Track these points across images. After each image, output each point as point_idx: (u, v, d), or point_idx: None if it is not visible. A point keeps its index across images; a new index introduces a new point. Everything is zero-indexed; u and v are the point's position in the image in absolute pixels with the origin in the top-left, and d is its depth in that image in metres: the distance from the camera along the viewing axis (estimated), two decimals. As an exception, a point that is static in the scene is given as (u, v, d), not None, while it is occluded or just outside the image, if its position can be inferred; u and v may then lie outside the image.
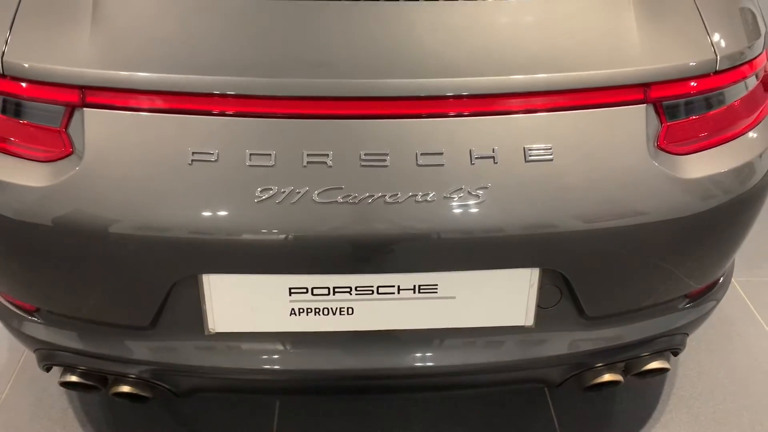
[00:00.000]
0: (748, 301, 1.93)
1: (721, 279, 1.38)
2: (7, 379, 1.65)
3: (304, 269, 1.08)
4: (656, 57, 1.11)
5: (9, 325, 1.30)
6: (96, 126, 1.05)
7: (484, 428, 1.56)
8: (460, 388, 1.43)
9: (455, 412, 1.58)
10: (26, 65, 1.06)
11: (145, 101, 1.05)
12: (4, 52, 1.08)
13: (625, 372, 1.32)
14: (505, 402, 1.61)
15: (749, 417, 1.60)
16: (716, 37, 1.15)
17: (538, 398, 1.62)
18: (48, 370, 1.31)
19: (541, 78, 1.06)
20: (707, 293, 1.34)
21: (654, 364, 1.30)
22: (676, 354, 1.37)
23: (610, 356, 1.27)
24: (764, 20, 1.30)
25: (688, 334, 1.37)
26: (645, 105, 1.10)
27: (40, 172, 1.07)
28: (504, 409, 1.60)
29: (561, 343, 1.22)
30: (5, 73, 1.07)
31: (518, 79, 1.06)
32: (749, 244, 2.08)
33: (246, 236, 1.03)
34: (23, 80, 1.07)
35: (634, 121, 1.09)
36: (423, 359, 1.20)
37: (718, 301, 1.39)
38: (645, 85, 1.09)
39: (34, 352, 1.30)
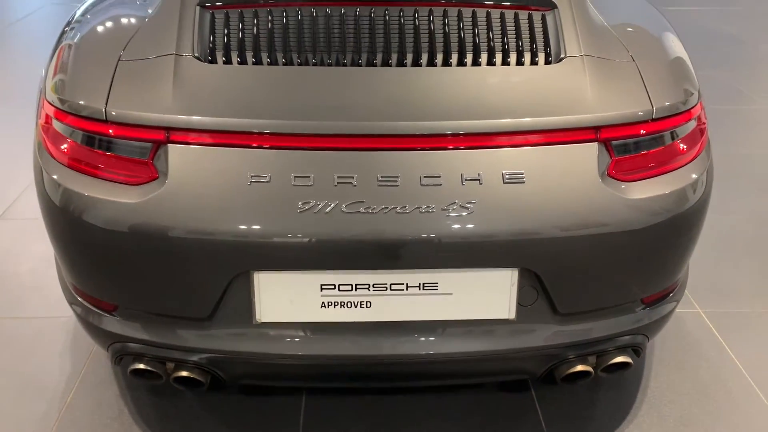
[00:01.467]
0: (714, 329, 2.19)
1: (676, 288, 1.67)
2: (71, 386, 1.92)
3: (333, 266, 1.39)
4: (605, 107, 1.45)
5: (88, 324, 1.59)
6: (177, 157, 1.38)
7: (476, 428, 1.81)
8: (457, 377, 1.70)
9: (453, 414, 1.84)
10: (123, 113, 1.41)
11: (214, 138, 1.38)
12: (106, 104, 1.42)
13: (596, 366, 1.60)
14: (495, 405, 1.87)
15: (710, 420, 1.85)
16: (653, 93, 1.50)
17: (527, 402, 1.88)
18: (119, 362, 1.59)
19: (516, 121, 1.40)
20: (663, 299, 1.62)
21: (619, 359, 1.58)
22: (638, 353, 1.64)
23: (580, 349, 1.54)
24: (696, 80, 1.65)
25: (648, 336, 1.65)
26: (597, 143, 1.43)
27: (131, 192, 1.40)
28: (494, 412, 1.85)
29: (539, 335, 1.50)
30: (107, 120, 1.42)
31: (498, 122, 1.40)
32: (715, 279, 2.37)
33: (289, 239, 1.35)
34: (121, 125, 1.41)
35: (589, 155, 1.42)
36: (427, 346, 1.48)
37: (674, 306, 1.68)
38: (596, 128, 1.43)
39: (109, 346, 1.58)
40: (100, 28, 1.72)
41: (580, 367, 1.56)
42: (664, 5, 6.36)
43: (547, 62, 1.55)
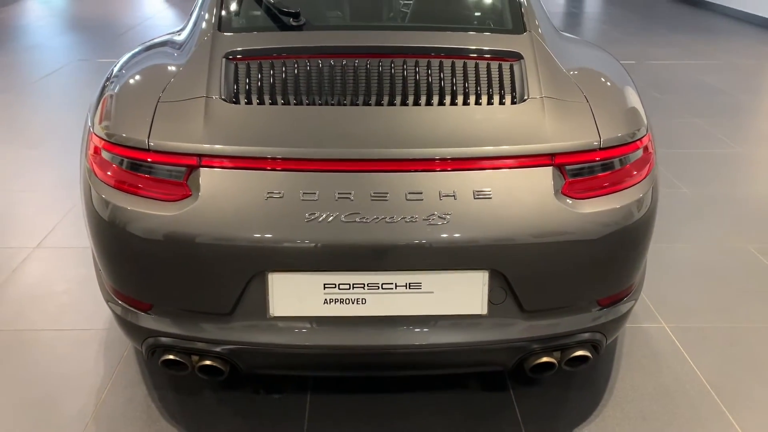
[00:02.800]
0: (676, 341, 2.44)
1: (630, 292, 1.93)
2: (105, 386, 2.18)
3: (334, 268, 1.67)
4: (559, 138, 1.75)
5: (125, 322, 1.87)
6: (207, 178, 1.68)
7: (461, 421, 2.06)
8: (440, 366, 1.95)
9: (439, 410, 2.09)
10: (163, 144, 1.72)
11: (237, 163, 1.69)
12: (149, 136, 1.74)
13: (560, 360, 1.86)
14: (477, 402, 2.12)
15: (668, 417, 2.09)
16: (602, 127, 1.80)
17: (505, 400, 2.12)
18: (152, 354, 1.86)
19: (484, 149, 1.70)
20: (617, 301, 1.89)
21: (579, 353, 1.85)
22: (597, 349, 1.90)
23: (545, 342, 1.81)
24: (644, 117, 1.96)
25: (605, 335, 1.91)
26: (552, 167, 1.73)
27: (168, 207, 1.69)
28: (476, 408, 2.10)
29: (508, 330, 1.77)
30: (150, 149, 1.73)
31: (470, 150, 1.70)
32: (679, 299, 2.63)
33: (298, 244, 1.64)
34: (161, 153, 1.72)
35: (545, 177, 1.72)
36: (413, 337, 1.75)
37: (629, 309, 1.94)
38: (551, 155, 1.73)
39: (143, 341, 1.86)
40: (141, 76, 2.06)
41: (545, 359, 1.83)
42: (649, 59, 6.83)
43: (513, 102, 1.86)
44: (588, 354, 1.87)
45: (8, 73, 6.08)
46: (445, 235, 1.65)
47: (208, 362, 1.80)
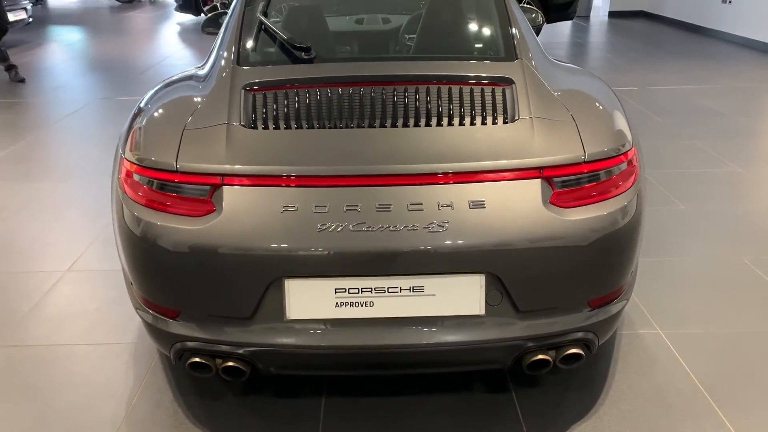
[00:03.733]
0: (671, 346, 2.58)
1: (620, 294, 2.08)
2: (135, 392, 2.35)
3: (344, 273, 1.85)
4: (546, 153, 1.93)
5: (154, 329, 2.05)
6: (229, 195, 1.88)
7: (462, 421, 2.20)
8: (443, 364, 2.10)
9: (445, 409, 2.24)
10: (190, 166, 1.92)
11: (256, 181, 1.88)
12: (177, 159, 1.94)
13: (554, 358, 2.01)
14: (480, 402, 2.26)
15: (662, 413, 2.22)
16: (587, 143, 1.97)
17: (507, 400, 2.27)
18: (180, 358, 2.04)
19: (478, 164, 1.89)
20: (608, 303, 2.04)
21: (572, 350, 2.00)
22: (589, 348, 2.05)
23: (539, 341, 1.96)
24: (629, 133, 2.13)
25: (597, 334, 2.06)
26: (540, 179, 1.90)
27: (194, 222, 1.88)
28: (479, 408, 2.24)
29: (504, 329, 1.93)
30: (178, 170, 1.93)
31: (465, 164, 1.88)
32: (674, 306, 2.77)
33: (311, 252, 1.82)
34: (188, 174, 1.92)
35: (534, 188, 1.89)
36: (418, 336, 1.91)
37: (619, 310, 2.09)
38: (540, 169, 1.90)
39: (171, 346, 2.03)
40: (168, 106, 2.27)
41: (540, 356, 1.98)
42: (651, 85, 7.02)
43: (505, 122, 2.05)
44: (581, 352, 2.02)
45: (37, 111, 6.39)
46: (443, 242, 1.82)
47: (230, 363, 1.97)
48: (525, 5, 3.70)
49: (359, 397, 2.30)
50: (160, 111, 2.25)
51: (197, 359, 2.00)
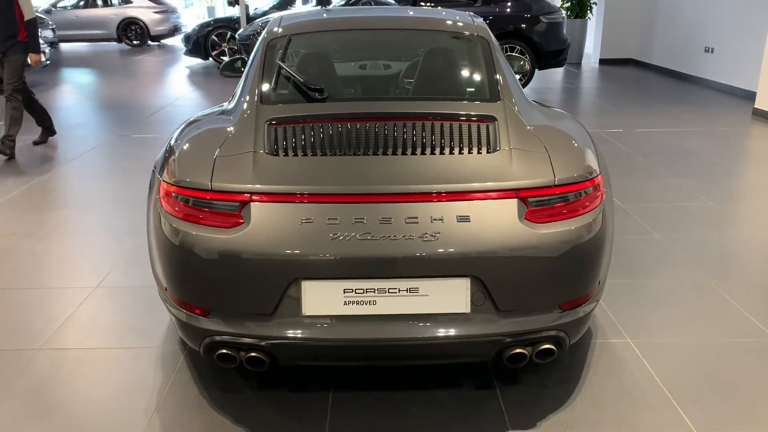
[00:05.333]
0: (638, 353, 2.90)
1: (588, 299, 2.42)
2: (164, 389, 2.67)
3: (351, 276, 2.19)
4: (522, 178, 2.30)
5: (187, 326, 2.38)
6: (256, 210, 2.23)
7: (451, 416, 2.52)
8: (436, 356, 2.42)
9: (436, 402, 2.55)
10: (222, 185, 2.29)
11: (278, 198, 2.24)
12: (211, 180, 2.30)
13: (531, 353, 2.34)
14: (468, 395, 2.58)
15: (627, 406, 2.54)
16: (557, 170, 2.35)
17: (492, 394, 2.59)
18: (209, 351, 2.36)
19: (465, 185, 2.25)
20: (577, 306, 2.38)
21: (546, 346, 2.34)
22: (561, 345, 2.38)
23: (517, 337, 2.30)
24: (597, 158, 2.51)
25: (568, 333, 2.39)
26: (516, 199, 2.27)
27: (225, 232, 2.24)
28: (466, 400, 2.56)
29: (487, 326, 2.26)
30: (212, 189, 2.29)
31: (453, 186, 2.25)
32: (642, 319, 3.10)
33: (324, 257, 2.17)
34: (220, 192, 2.29)
35: (512, 206, 2.25)
36: (414, 331, 2.25)
37: (587, 312, 2.43)
38: (516, 190, 2.27)
39: (202, 341, 2.36)
40: (201, 137, 2.65)
41: (518, 350, 2.32)
42: (636, 128, 7.47)
43: (488, 152, 2.42)
44: (554, 348, 2.35)
45: (57, 148, 6.79)
46: (435, 250, 2.18)
47: (253, 354, 2.30)
48: (515, 54, 4.11)
49: (362, 391, 2.62)
50: (195, 141, 2.62)
51: (224, 351, 2.33)
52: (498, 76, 2.89)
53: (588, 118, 8.18)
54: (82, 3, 17.16)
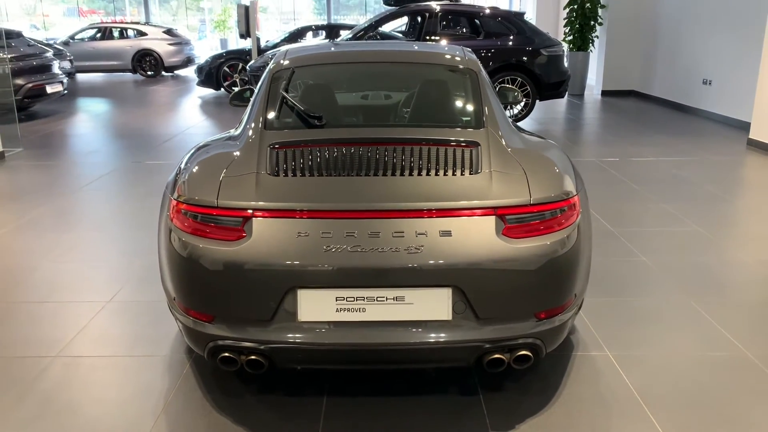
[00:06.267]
0: (616, 365, 3.08)
1: (563, 310, 2.61)
2: (170, 393, 2.87)
3: (343, 284, 2.41)
4: (500, 197, 2.52)
5: (192, 331, 2.59)
6: (257, 225, 2.46)
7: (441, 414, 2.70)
8: (420, 360, 2.61)
9: (424, 408, 2.74)
10: (227, 203, 2.52)
11: (277, 214, 2.47)
12: (217, 197, 2.54)
13: (509, 359, 2.53)
14: (452, 401, 2.76)
15: (602, 412, 2.72)
16: (533, 190, 2.56)
17: (475, 400, 2.77)
18: (212, 355, 2.57)
19: (448, 203, 2.47)
20: (552, 316, 2.58)
21: (522, 352, 2.53)
22: (537, 353, 2.57)
23: (495, 343, 2.49)
24: (575, 181, 2.73)
25: (544, 342, 2.58)
26: (495, 216, 2.48)
27: (228, 245, 2.46)
28: (451, 406, 2.74)
29: (467, 332, 2.46)
30: (219, 206, 2.52)
31: (437, 204, 2.47)
32: (621, 335, 3.28)
33: (318, 268, 2.39)
34: (225, 209, 2.52)
35: (490, 222, 2.47)
36: (400, 336, 2.45)
37: (563, 322, 2.62)
38: (495, 208, 2.49)
39: (206, 345, 2.57)
40: (210, 159, 2.89)
41: (496, 356, 2.51)
42: (632, 156, 7.68)
43: (471, 174, 2.64)
44: (530, 354, 2.54)
45: (74, 173, 7.08)
46: (419, 261, 2.39)
47: (253, 357, 2.51)
48: (508, 86, 4.35)
49: (354, 396, 2.81)
50: (204, 163, 2.86)
51: (226, 354, 2.53)
52: (484, 107, 3.13)
53: (587, 147, 8.42)
54: (99, 35, 17.72)
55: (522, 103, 9.71)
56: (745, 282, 4.11)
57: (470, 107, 3.21)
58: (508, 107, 9.25)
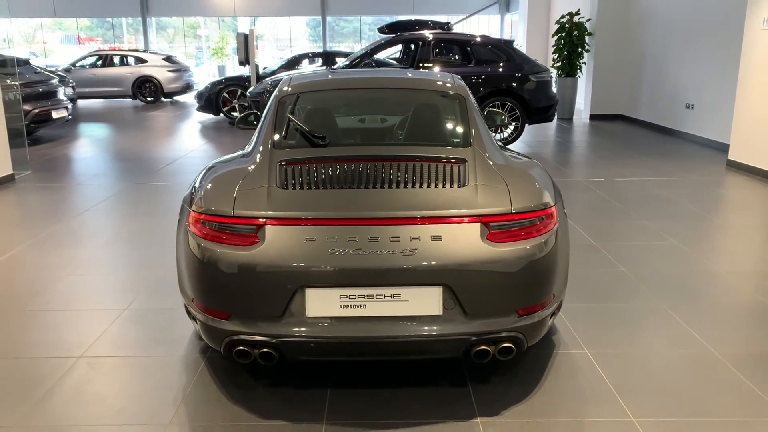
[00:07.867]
0: (594, 362, 3.38)
1: (543, 307, 2.92)
2: (189, 386, 3.15)
3: (346, 284, 2.71)
4: (484, 207, 2.84)
5: (209, 328, 2.89)
6: (269, 232, 2.77)
7: (430, 404, 2.99)
8: (415, 352, 2.91)
9: (418, 399, 3.03)
10: (242, 212, 2.83)
11: (288, 222, 2.78)
12: (233, 207, 2.85)
13: (493, 351, 2.83)
14: (444, 392, 3.05)
15: (579, 401, 3.01)
16: (514, 201, 2.89)
17: (464, 391, 3.06)
18: (229, 349, 2.86)
19: (438, 212, 2.80)
20: (532, 312, 2.89)
21: (505, 345, 2.84)
22: (519, 346, 2.88)
23: (481, 336, 2.79)
24: (553, 194, 3.06)
25: (525, 336, 2.88)
26: (480, 223, 2.80)
27: (243, 249, 2.77)
28: (443, 396, 3.03)
29: (456, 326, 2.77)
30: (234, 215, 2.84)
31: (429, 212, 2.79)
32: (602, 335, 3.59)
33: (324, 269, 2.70)
34: (240, 218, 2.83)
35: (476, 229, 2.79)
36: (397, 330, 2.75)
37: (542, 318, 2.92)
38: (480, 216, 2.81)
39: (222, 341, 2.86)
40: (225, 175, 3.21)
41: (482, 347, 2.81)
42: (617, 177, 8.04)
43: (459, 187, 2.97)
44: (512, 346, 2.85)
45: (80, 195, 7.39)
46: (413, 263, 2.71)
47: (265, 350, 2.80)
48: (494, 110, 4.70)
49: (355, 389, 3.10)
50: (220, 178, 3.18)
51: (241, 348, 2.82)
52: (471, 127, 3.47)
53: (575, 168, 8.79)
54: (99, 62, 18.13)
55: (512, 127, 10.09)
56: (714, 290, 4.43)
57: (459, 128, 3.55)
58: (498, 130, 9.64)
